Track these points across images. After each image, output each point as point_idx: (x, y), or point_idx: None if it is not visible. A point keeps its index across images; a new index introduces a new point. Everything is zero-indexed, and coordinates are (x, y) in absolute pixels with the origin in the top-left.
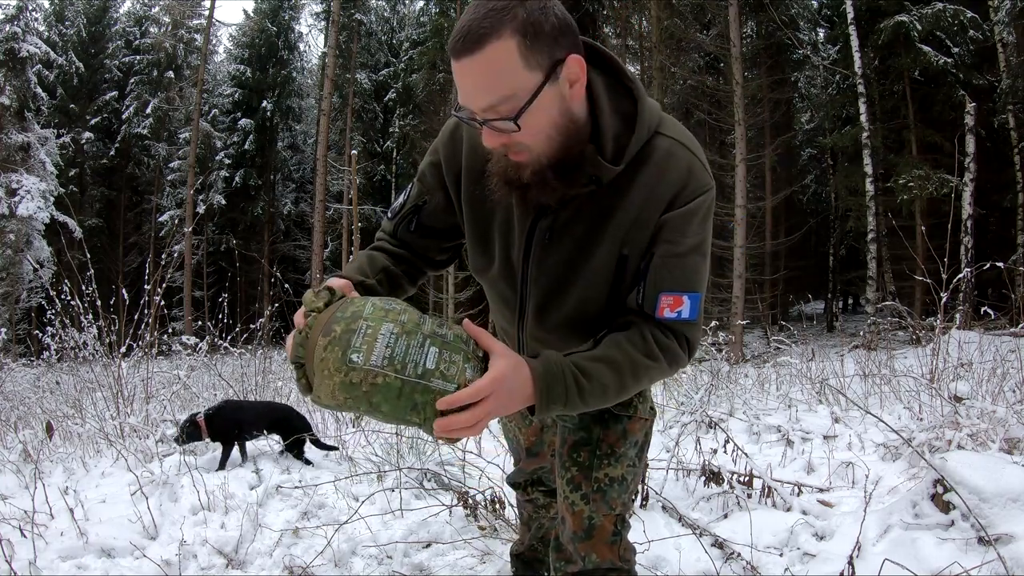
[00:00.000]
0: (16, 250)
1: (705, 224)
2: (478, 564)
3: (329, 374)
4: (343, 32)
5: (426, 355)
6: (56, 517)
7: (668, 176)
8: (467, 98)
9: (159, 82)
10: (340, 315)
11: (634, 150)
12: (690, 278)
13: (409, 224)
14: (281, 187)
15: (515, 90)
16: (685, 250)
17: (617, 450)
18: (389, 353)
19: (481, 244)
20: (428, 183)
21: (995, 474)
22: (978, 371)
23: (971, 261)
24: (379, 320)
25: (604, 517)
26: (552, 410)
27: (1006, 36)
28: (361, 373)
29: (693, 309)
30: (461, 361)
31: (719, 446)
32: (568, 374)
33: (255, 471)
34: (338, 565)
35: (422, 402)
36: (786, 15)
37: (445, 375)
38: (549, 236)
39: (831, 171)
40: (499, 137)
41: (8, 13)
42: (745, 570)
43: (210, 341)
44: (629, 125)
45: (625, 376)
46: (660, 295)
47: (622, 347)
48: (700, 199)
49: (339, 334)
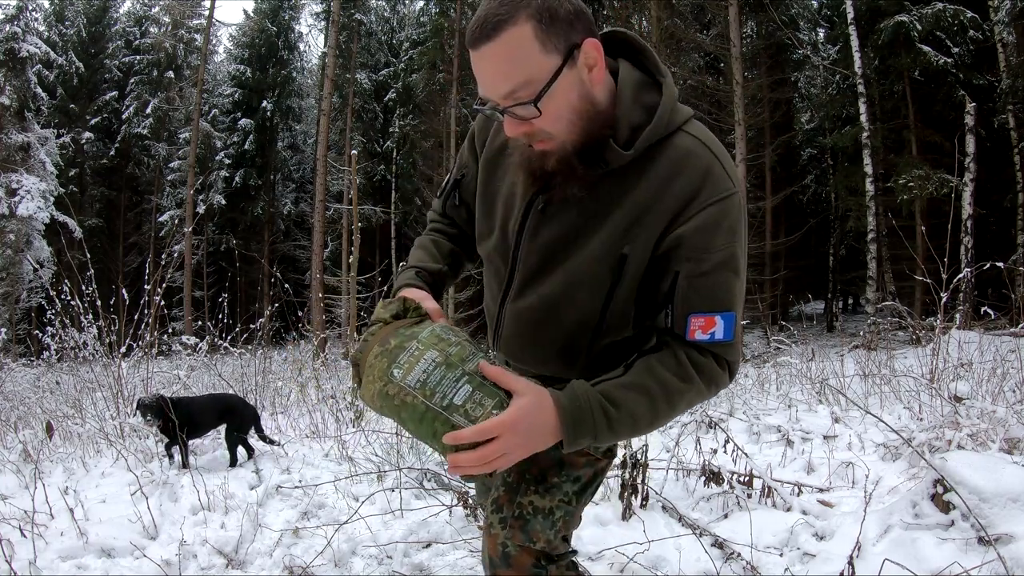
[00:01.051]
0: (16, 250)
1: (732, 236)
2: (478, 564)
3: (373, 380)
4: (343, 32)
5: (457, 390)
6: (56, 517)
7: (683, 176)
8: (486, 87)
9: (159, 82)
10: (401, 331)
11: (649, 139)
12: (720, 297)
13: (454, 199)
14: (281, 187)
15: (533, 74)
16: (711, 267)
17: (549, 479)
18: (424, 378)
19: (486, 214)
20: (465, 156)
21: (995, 474)
22: (978, 371)
23: (971, 261)
24: (428, 346)
25: (520, 549)
26: (580, 444)
27: (1006, 36)
28: (396, 387)
29: (728, 329)
30: (491, 406)
31: (719, 446)
32: (595, 405)
33: (255, 471)
34: (338, 565)
35: (441, 432)
36: (786, 15)
37: (468, 414)
38: (543, 209)
39: (831, 171)
40: (521, 125)
41: (8, 13)
42: (745, 570)
43: (210, 341)
44: (650, 116)
45: (658, 403)
46: (689, 317)
47: (654, 371)
48: (719, 205)
49: (391, 348)
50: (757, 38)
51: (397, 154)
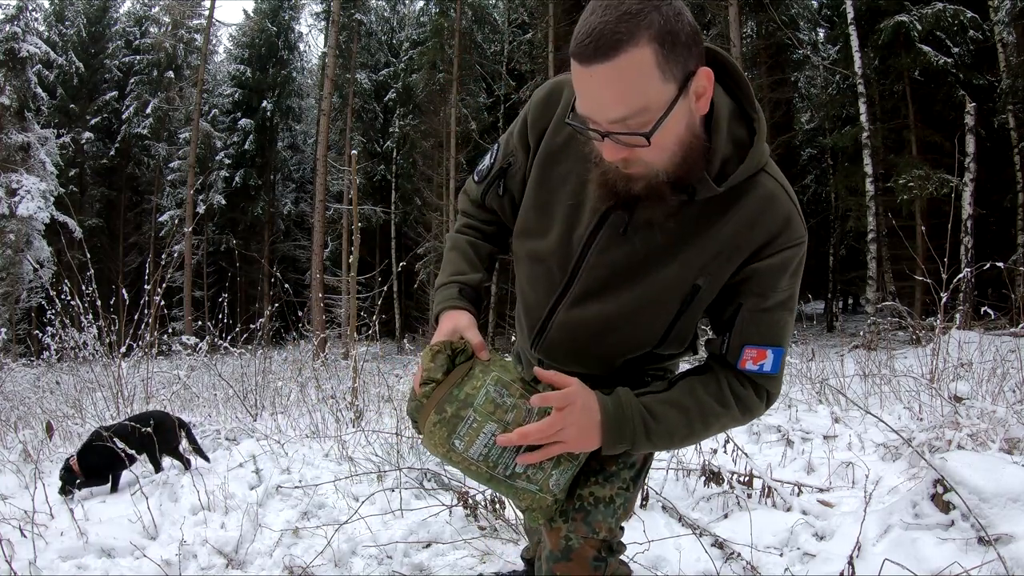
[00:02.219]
0: (16, 250)
1: (795, 279)
2: (478, 564)
3: (436, 445)
4: (343, 32)
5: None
6: (56, 517)
7: (766, 218)
8: (594, 108)
9: (159, 82)
10: (455, 395)
11: (740, 178)
12: (776, 333)
13: (498, 188)
14: (281, 187)
15: (649, 103)
16: (773, 304)
17: (608, 468)
18: (486, 452)
19: (540, 210)
20: (513, 143)
21: (995, 474)
22: (978, 371)
23: (971, 261)
24: (486, 417)
25: (584, 540)
26: (618, 448)
27: (1006, 36)
28: (460, 457)
29: (776, 363)
30: (551, 467)
31: (719, 446)
32: (637, 416)
33: (255, 471)
34: (338, 565)
35: (507, 491)
36: (786, 15)
37: (531, 479)
38: (624, 231)
39: (831, 171)
40: (622, 151)
41: (8, 13)
42: (745, 570)
43: (210, 341)
44: (740, 153)
45: (694, 422)
46: (744, 347)
47: (695, 392)
48: (792, 251)
49: (448, 416)
50: (757, 38)
51: (397, 154)
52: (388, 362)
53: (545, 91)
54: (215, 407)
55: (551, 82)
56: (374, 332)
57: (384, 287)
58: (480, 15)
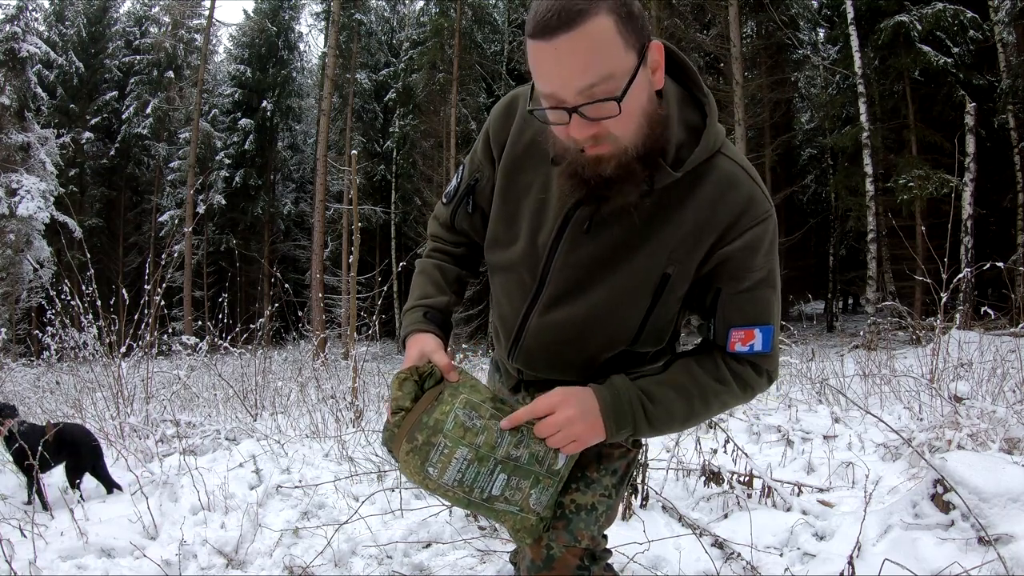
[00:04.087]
0: (16, 250)
1: (770, 256)
2: (478, 564)
3: (412, 473)
4: (343, 32)
5: (494, 482)
6: (56, 517)
7: (727, 199)
8: (560, 80)
9: (159, 82)
10: (425, 421)
11: (696, 161)
12: (760, 312)
13: (467, 205)
14: (281, 187)
15: (615, 69)
16: (752, 284)
17: (589, 475)
18: (460, 477)
19: (507, 220)
20: (478, 159)
21: (995, 474)
22: (978, 371)
23: (971, 261)
24: (456, 442)
25: (566, 549)
26: (621, 434)
27: (1006, 36)
28: (435, 484)
29: (766, 341)
30: (528, 487)
31: (719, 446)
32: (635, 400)
33: (255, 471)
34: (338, 565)
35: (488, 514)
36: (786, 15)
37: (509, 500)
38: (588, 228)
39: (831, 171)
40: (591, 127)
41: (8, 13)
42: (745, 570)
43: (210, 341)
44: (694, 137)
45: (693, 401)
46: (730, 331)
47: (691, 371)
48: (760, 228)
49: (420, 444)
50: (757, 38)
51: (397, 154)
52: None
53: (503, 104)
54: (215, 407)
55: (508, 95)
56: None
57: (384, 287)
58: (480, 15)
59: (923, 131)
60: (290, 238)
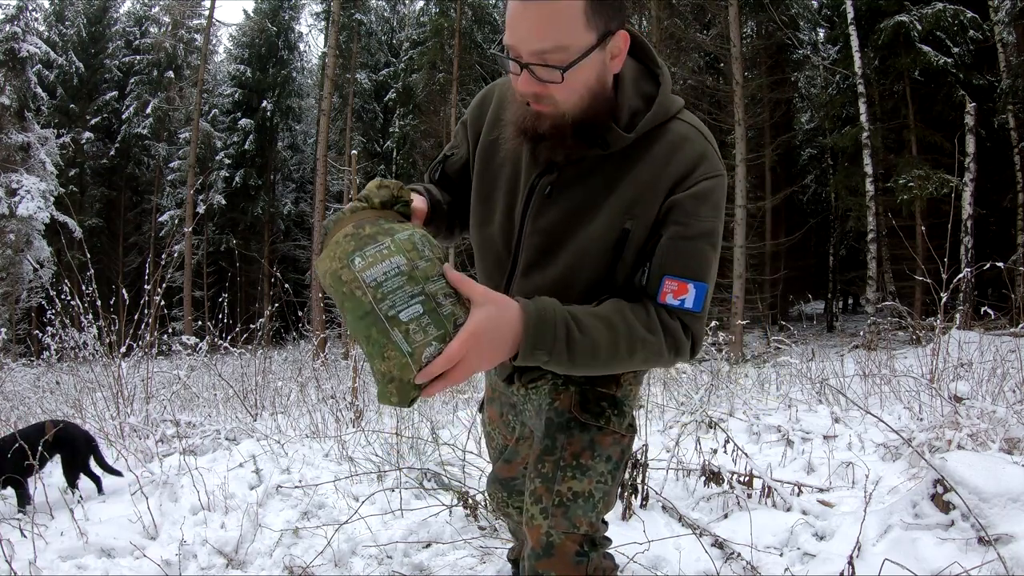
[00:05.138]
0: (16, 250)
1: (717, 212)
2: (478, 564)
3: (333, 258)
4: (343, 32)
5: (408, 306)
6: (56, 517)
7: (680, 155)
8: (519, 38)
9: (159, 82)
10: (381, 221)
11: (648, 125)
12: (698, 264)
13: (435, 172)
14: (281, 187)
15: (570, 43)
16: (695, 234)
17: (584, 462)
18: (382, 279)
19: (485, 198)
20: (458, 137)
21: (995, 474)
22: (978, 371)
23: (971, 261)
24: (400, 250)
25: (565, 536)
26: (537, 356)
27: (1006, 36)
28: (351, 276)
29: (698, 300)
30: (433, 336)
31: (719, 446)
32: (560, 322)
33: (255, 471)
34: (338, 565)
35: (376, 340)
36: (786, 15)
37: (409, 335)
38: (549, 192)
39: (831, 171)
40: (535, 85)
41: (8, 13)
42: (745, 570)
43: (210, 341)
44: (648, 104)
45: (620, 341)
46: (664, 278)
47: (624, 313)
48: (711, 182)
49: (363, 235)
50: (757, 38)
51: (397, 154)
52: None
53: (481, 94)
54: (215, 407)
55: (487, 87)
56: None
57: None
58: (480, 15)
59: (923, 131)
60: (290, 238)
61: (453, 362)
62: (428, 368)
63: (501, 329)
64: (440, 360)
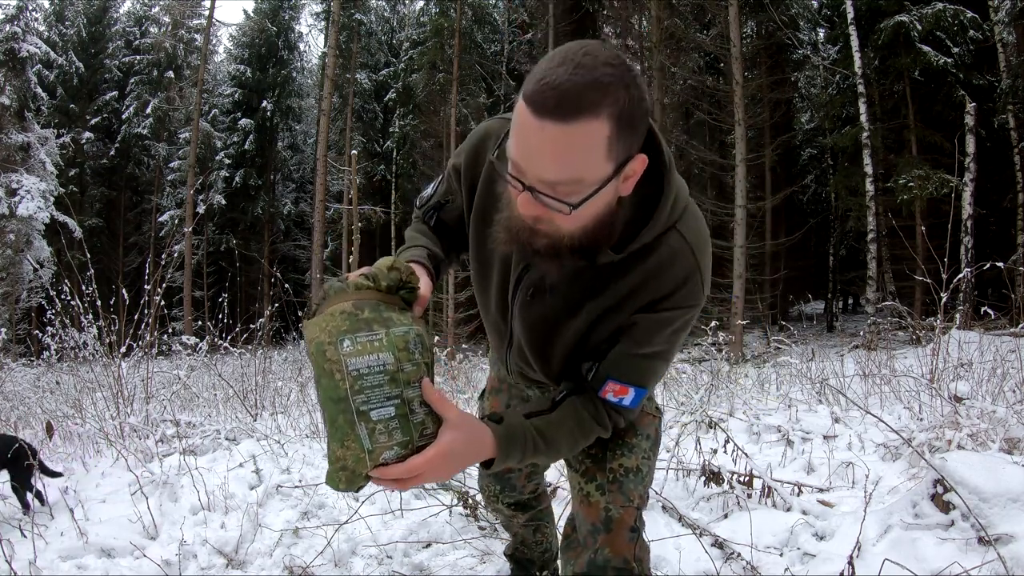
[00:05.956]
0: (16, 250)
1: (676, 337)
2: (478, 564)
3: (323, 330)
4: (343, 32)
5: (381, 406)
6: (56, 517)
7: (664, 276)
8: (529, 162)
9: (159, 82)
10: (381, 309)
11: (642, 242)
12: (645, 376)
13: (431, 219)
14: (281, 187)
15: (586, 176)
16: (650, 353)
17: (629, 441)
18: (364, 372)
19: (482, 263)
20: (452, 185)
21: (995, 474)
22: (978, 371)
23: (971, 261)
24: (391, 347)
25: (623, 509)
26: (508, 464)
27: (1006, 36)
28: (335, 355)
29: (635, 400)
30: (396, 441)
31: (719, 446)
32: (529, 439)
33: (255, 471)
34: (338, 565)
35: (341, 427)
36: (786, 15)
37: (373, 433)
38: (532, 295)
39: (831, 171)
40: (537, 208)
41: (8, 13)
42: (745, 570)
43: (210, 341)
44: (646, 212)
45: (577, 441)
46: (608, 380)
47: (579, 414)
48: (681, 312)
49: (360, 317)
50: (757, 38)
51: (397, 154)
52: None
53: (474, 144)
54: (215, 407)
55: (482, 130)
56: None
57: None
58: (480, 15)
59: (923, 131)
60: (290, 238)
61: (412, 474)
62: (386, 469)
63: (469, 450)
64: (400, 468)
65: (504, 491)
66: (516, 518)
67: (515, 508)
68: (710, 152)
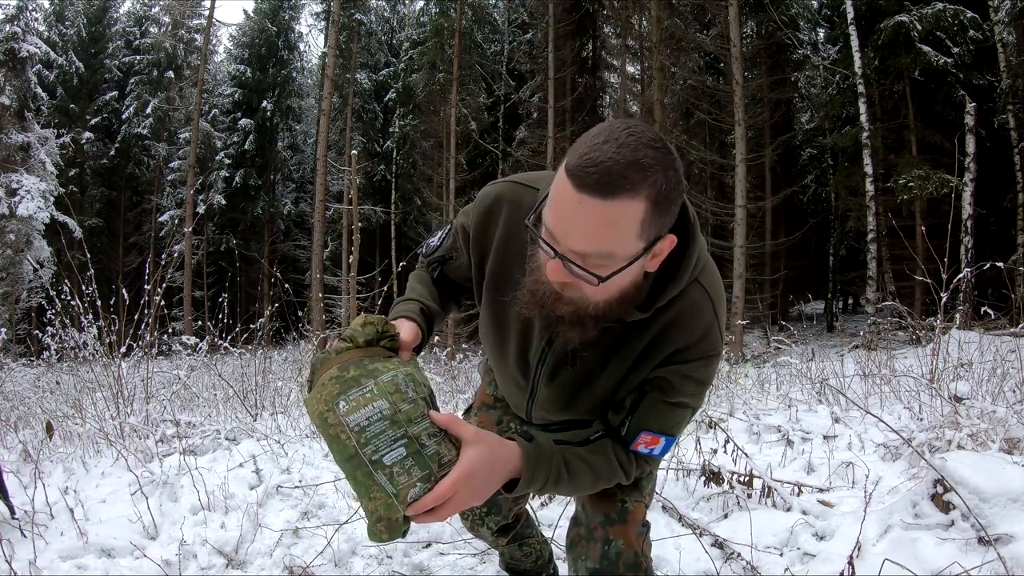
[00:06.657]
0: (16, 250)
1: (701, 387)
2: (478, 564)
3: (319, 400)
4: (343, 32)
5: (391, 450)
6: (56, 517)
7: (686, 327)
8: (563, 231)
9: (159, 82)
10: (365, 363)
11: (668, 298)
12: (672, 425)
13: (434, 271)
14: (281, 187)
15: (617, 252)
16: (678, 402)
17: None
18: (365, 424)
19: (499, 329)
20: (458, 242)
21: (995, 474)
22: (978, 371)
23: (971, 261)
24: (382, 393)
25: (636, 503)
26: (530, 490)
27: (1006, 36)
28: (336, 419)
29: (665, 449)
30: (417, 477)
31: (719, 446)
32: (555, 465)
33: (255, 471)
34: (338, 565)
35: (362, 481)
36: (786, 15)
37: (392, 477)
38: (556, 368)
39: (831, 171)
40: (565, 276)
41: (8, 13)
42: (745, 570)
43: (210, 341)
44: (669, 270)
45: (600, 481)
46: (641, 432)
47: (610, 457)
48: (703, 362)
49: (347, 377)
50: (757, 38)
51: (397, 154)
52: None
53: (485, 207)
54: (215, 407)
55: (492, 195)
56: None
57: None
58: (480, 15)
59: (923, 131)
60: (290, 238)
61: (443, 499)
62: (418, 503)
63: (495, 466)
64: (430, 496)
65: (490, 513)
66: (499, 540)
67: (499, 533)
68: (710, 152)
